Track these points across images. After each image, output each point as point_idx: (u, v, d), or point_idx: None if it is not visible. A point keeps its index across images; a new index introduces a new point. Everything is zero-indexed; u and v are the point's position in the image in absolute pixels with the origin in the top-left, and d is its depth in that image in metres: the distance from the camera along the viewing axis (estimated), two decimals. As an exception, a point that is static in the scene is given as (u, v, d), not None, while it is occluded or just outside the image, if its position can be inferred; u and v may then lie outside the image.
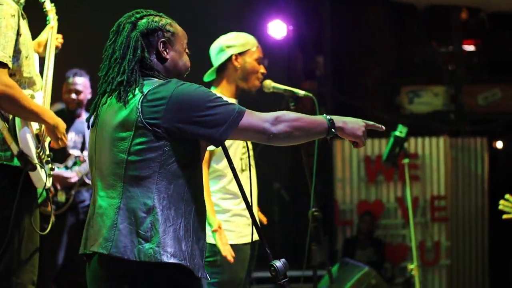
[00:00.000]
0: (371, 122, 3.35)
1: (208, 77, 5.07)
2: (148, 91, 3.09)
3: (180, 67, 3.33)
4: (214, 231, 4.66)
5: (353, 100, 10.97)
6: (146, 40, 3.24)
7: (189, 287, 3.14)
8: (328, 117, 3.26)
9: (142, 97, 3.09)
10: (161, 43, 3.26)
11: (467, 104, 11.50)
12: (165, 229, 3.05)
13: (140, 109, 3.07)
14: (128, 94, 3.13)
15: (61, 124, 4.23)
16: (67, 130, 6.99)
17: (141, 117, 3.06)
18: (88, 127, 3.31)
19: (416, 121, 11.03)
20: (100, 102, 3.26)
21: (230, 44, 4.98)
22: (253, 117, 3.15)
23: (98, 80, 3.27)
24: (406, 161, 7.23)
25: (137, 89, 3.13)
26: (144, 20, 3.26)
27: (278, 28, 9.63)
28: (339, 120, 3.28)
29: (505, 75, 11.62)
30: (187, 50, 3.38)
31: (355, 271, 8.00)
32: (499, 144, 12.01)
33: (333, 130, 3.25)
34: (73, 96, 7.09)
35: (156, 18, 3.29)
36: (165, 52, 3.27)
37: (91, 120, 3.30)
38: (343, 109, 11.05)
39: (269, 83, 4.97)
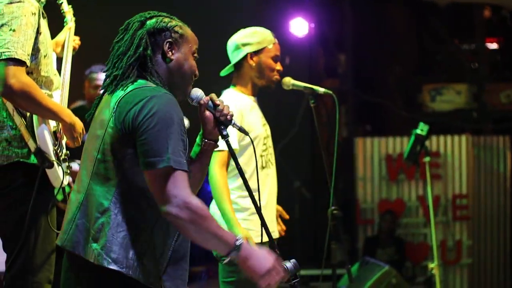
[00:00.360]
0: (282, 274, 3.03)
1: (225, 72, 5.05)
2: (127, 93, 3.06)
3: (185, 69, 3.24)
4: None
5: (374, 98, 10.93)
6: (153, 38, 3.20)
7: None
8: (239, 241, 2.99)
9: (121, 97, 3.06)
10: (167, 43, 3.21)
11: (489, 102, 11.44)
12: (114, 234, 3.01)
13: (115, 109, 3.05)
14: (118, 88, 3.11)
15: (78, 123, 4.22)
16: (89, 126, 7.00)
17: (113, 117, 3.04)
18: (89, 124, 3.30)
19: (438, 119, 10.97)
20: (101, 98, 3.26)
21: (245, 42, 4.92)
22: (170, 182, 2.93)
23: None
24: (427, 159, 7.18)
25: (125, 86, 3.10)
26: (153, 20, 3.23)
27: (299, 26, 9.61)
28: (249, 252, 3.00)
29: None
30: (195, 55, 3.30)
31: (376, 270, 7.97)
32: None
33: (233, 255, 2.97)
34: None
35: (166, 19, 3.25)
36: (170, 52, 3.21)
37: (91, 116, 3.29)
38: (364, 106, 11.02)
39: (288, 80, 4.94)
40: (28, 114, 4.04)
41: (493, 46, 12.29)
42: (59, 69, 4.48)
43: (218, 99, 3.30)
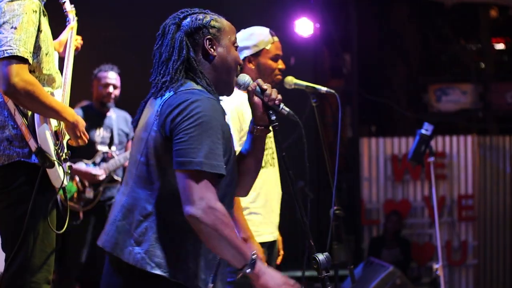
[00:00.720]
0: None
1: None
2: (171, 95, 3.05)
3: (229, 62, 3.21)
4: None
5: (379, 98, 10.91)
6: (191, 39, 3.17)
7: None
8: (255, 256, 2.96)
9: (165, 100, 3.05)
10: (207, 41, 3.17)
11: (495, 102, 11.41)
12: (158, 238, 3.01)
13: (158, 112, 3.05)
14: (166, 92, 3.09)
15: (81, 122, 4.20)
16: (96, 125, 7.01)
17: (157, 121, 3.04)
18: (134, 129, 3.28)
19: (443, 119, 10.95)
20: (146, 102, 3.23)
21: (242, 46, 4.83)
22: (199, 184, 2.92)
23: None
24: (432, 159, 7.14)
25: (172, 89, 3.08)
26: (187, 20, 3.19)
27: (305, 26, 9.58)
28: (262, 269, 2.99)
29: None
30: (236, 44, 3.27)
31: (380, 271, 7.95)
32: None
33: (247, 270, 2.95)
34: (111, 89, 7.07)
35: (200, 16, 3.21)
36: (212, 49, 3.18)
37: (135, 122, 3.27)
38: (369, 107, 11.00)
39: (290, 79, 4.90)
40: (29, 113, 4.03)
41: (499, 46, 12.27)
42: (61, 68, 4.47)
43: (265, 83, 3.27)
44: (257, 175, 3.43)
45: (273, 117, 3.24)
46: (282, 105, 3.25)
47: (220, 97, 3.21)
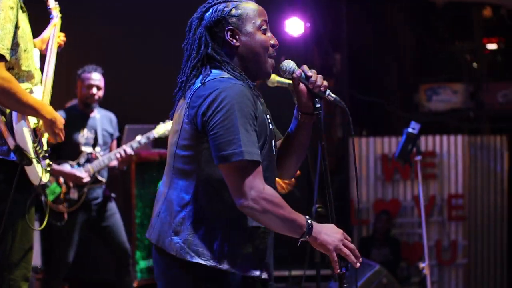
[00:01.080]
0: (351, 246, 3.07)
1: None
2: (200, 85, 3.05)
3: (256, 49, 3.17)
4: None
5: (370, 98, 10.90)
6: (212, 33, 3.15)
7: (224, 286, 3.09)
8: (310, 221, 3.03)
9: (194, 91, 3.06)
10: (228, 32, 3.15)
11: (486, 101, 11.39)
12: (196, 227, 3.05)
13: (188, 104, 3.06)
14: (187, 89, 3.11)
15: (59, 120, 4.18)
16: (80, 126, 6.98)
17: (187, 112, 3.05)
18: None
19: (434, 118, 10.95)
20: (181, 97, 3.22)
21: None
22: (244, 175, 2.95)
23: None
24: (418, 158, 7.13)
25: (197, 81, 3.08)
26: (209, 12, 3.17)
27: (295, 26, 9.56)
28: (318, 229, 3.03)
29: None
30: (264, 27, 3.20)
31: (366, 270, 7.92)
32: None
33: (307, 236, 3.02)
34: (94, 91, 7.04)
35: (221, 6, 3.17)
36: (234, 39, 3.15)
37: (171, 116, 3.29)
38: (360, 106, 10.98)
39: (273, 77, 4.89)
40: (8, 111, 4.01)
41: (492, 46, 12.26)
42: (42, 65, 4.45)
43: (311, 70, 3.24)
44: (302, 159, 3.42)
45: (318, 105, 3.22)
46: (328, 91, 3.22)
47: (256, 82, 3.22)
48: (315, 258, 4.86)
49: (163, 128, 7.06)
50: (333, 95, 3.22)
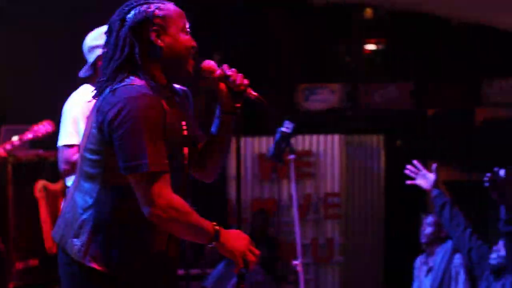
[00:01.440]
0: (256, 252, 3.11)
1: (84, 73, 4.94)
2: (109, 92, 3.00)
3: (179, 50, 3.12)
4: None
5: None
6: (136, 34, 3.08)
7: None
8: (217, 228, 3.05)
9: (104, 97, 3.02)
10: (153, 33, 3.09)
11: (364, 101, 11.57)
12: (95, 232, 3.03)
13: (97, 108, 3.02)
14: (102, 91, 3.06)
15: None
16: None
17: (96, 117, 3.00)
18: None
19: (311, 118, 11.06)
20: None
21: (94, 45, 4.83)
22: (152, 185, 2.93)
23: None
24: (292, 157, 7.18)
25: (112, 85, 3.03)
26: (131, 13, 3.10)
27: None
28: (225, 235, 3.05)
29: (401, 73, 11.73)
30: (187, 29, 3.18)
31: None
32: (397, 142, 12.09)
33: (215, 242, 3.03)
34: None
35: (144, 7, 3.10)
36: (159, 40, 3.09)
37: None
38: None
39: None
40: None
41: (371, 46, 12.45)
42: None
43: (231, 69, 3.28)
44: (223, 160, 3.41)
45: (238, 104, 3.28)
46: (249, 90, 3.27)
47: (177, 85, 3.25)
48: (185, 258, 4.84)
49: (41, 129, 6.94)
50: (254, 93, 3.29)
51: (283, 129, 7.20)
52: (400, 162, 11.60)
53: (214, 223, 3.05)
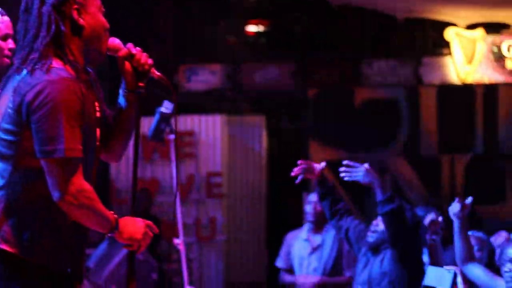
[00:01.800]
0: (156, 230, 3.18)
1: None
2: (27, 73, 2.95)
3: (98, 29, 3.09)
4: None
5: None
6: (59, 11, 3.01)
7: (29, 277, 3.01)
8: (116, 216, 3.06)
9: (22, 78, 2.96)
10: (75, 11, 3.03)
11: (245, 82, 11.66)
12: (7, 213, 2.98)
13: (14, 89, 2.96)
14: (24, 69, 2.99)
15: None
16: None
17: (12, 98, 2.95)
18: None
19: (193, 99, 11.11)
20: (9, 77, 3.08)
21: None
22: (64, 170, 2.91)
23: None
24: (172, 137, 7.22)
25: (30, 66, 2.96)
26: None
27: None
28: (122, 224, 3.06)
29: (282, 54, 11.88)
30: (102, 9, 3.13)
31: (119, 251, 7.98)
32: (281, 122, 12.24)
33: (115, 230, 3.04)
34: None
35: None
36: (80, 19, 3.03)
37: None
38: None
39: None
40: None
41: (253, 28, 12.54)
42: None
43: (136, 48, 3.23)
44: (128, 140, 3.39)
45: (142, 83, 3.25)
46: (152, 69, 3.26)
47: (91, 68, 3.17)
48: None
49: None
50: (158, 73, 3.29)
51: (163, 109, 7.23)
52: (281, 142, 11.89)
53: (112, 212, 3.07)
